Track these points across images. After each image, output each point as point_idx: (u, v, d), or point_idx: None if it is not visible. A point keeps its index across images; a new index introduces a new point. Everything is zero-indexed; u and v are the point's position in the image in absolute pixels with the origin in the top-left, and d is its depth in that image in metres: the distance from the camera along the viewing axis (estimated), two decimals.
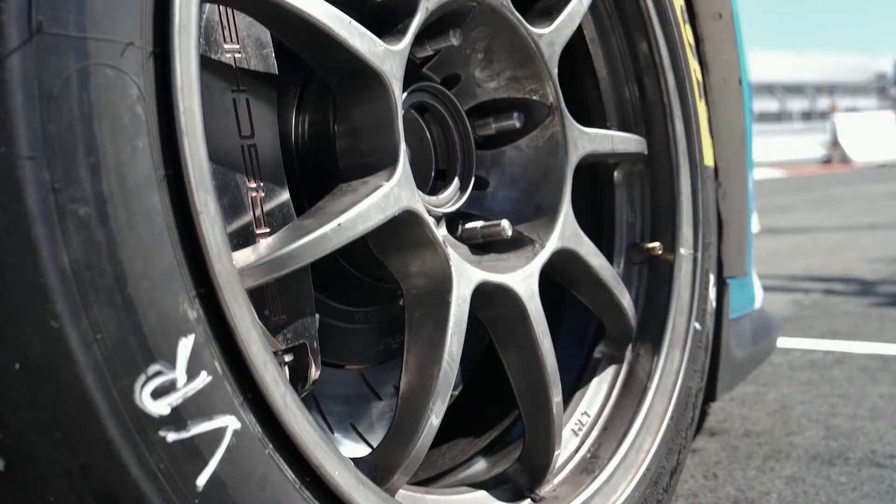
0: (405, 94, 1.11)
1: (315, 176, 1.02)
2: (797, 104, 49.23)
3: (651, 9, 1.34)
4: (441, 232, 1.14)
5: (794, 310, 3.34)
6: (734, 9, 1.53)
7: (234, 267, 0.77)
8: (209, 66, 0.90)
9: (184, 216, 0.74)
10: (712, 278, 1.41)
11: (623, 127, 1.38)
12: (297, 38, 0.91)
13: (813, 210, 8.46)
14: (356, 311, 1.17)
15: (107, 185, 0.70)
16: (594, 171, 1.39)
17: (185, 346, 0.73)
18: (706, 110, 1.45)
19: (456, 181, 1.17)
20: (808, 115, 48.42)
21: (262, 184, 0.93)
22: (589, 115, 1.39)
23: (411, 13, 1.00)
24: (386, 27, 1.00)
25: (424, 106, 1.16)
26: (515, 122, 1.19)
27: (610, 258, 1.36)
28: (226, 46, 0.92)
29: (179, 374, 0.73)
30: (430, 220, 0.98)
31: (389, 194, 0.93)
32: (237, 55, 0.93)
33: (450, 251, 1.00)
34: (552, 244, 1.15)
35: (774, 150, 26.51)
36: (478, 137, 1.21)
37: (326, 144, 1.00)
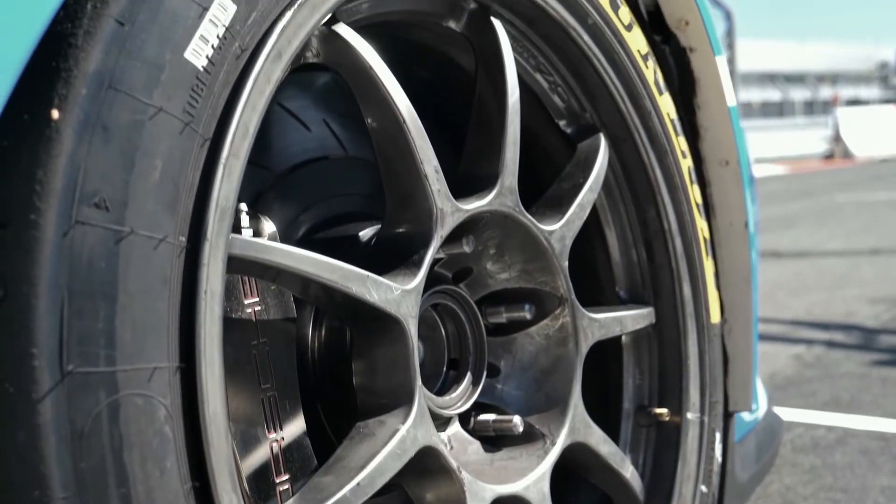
0: None
1: (334, 409, 1.04)
2: (799, 94, 49.09)
3: (659, 176, 1.36)
4: (453, 429, 1.16)
5: (797, 368, 3.37)
6: (741, 156, 1.54)
7: None
8: (230, 325, 0.92)
9: None
10: (718, 436, 1.43)
11: (631, 289, 1.40)
12: (316, 296, 0.93)
13: (815, 225, 8.47)
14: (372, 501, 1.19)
15: None
16: None
17: None
18: (713, 266, 1.47)
19: (468, 377, 1.19)
20: (810, 105, 48.32)
21: (281, 431, 0.96)
22: (597, 277, 1.41)
23: (426, 244, 1.02)
24: (401, 257, 1.02)
25: (437, 303, 1.18)
26: (526, 314, 1.21)
27: (617, 422, 1.38)
28: (246, 302, 0.94)
29: None
30: (446, 451, 1.00)
31: (406, 438, 0.95)
32: (257, 308, 0.95)
33: (464, 475, 1.02)
34: (562, 440, 1.17)
35: (777, 145, 26.49)
36: (489, 325, 1.23)
37: (344, 382, 1.02)
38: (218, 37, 0.81)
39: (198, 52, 0.79)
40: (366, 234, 1.16)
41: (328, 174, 1.20)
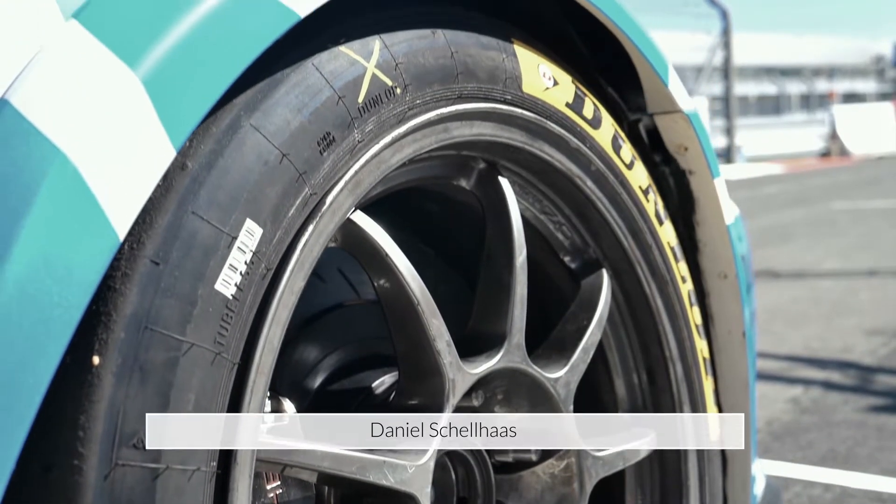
0: None
1: None
2: (795, 87, 49.11)
3: (660, 305, 1.41)
4: None
5: (794, 414, 3.42)
6: (738, 271, 1.59)
7: None
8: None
9: None
10: None
11: (632, 412, 1.45)
12: (334, 483, 0.98)
13: (811, 238, 8.54)
14: None
15: None
16: None
17: None
18: (713, 383, 1.52)
19: None
20: (806, 99, 48.36)
21: None
22: (599, 397, 1.46)
23: (439, 411, 1.07)
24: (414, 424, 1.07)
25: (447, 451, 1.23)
26: (532, 454, 1.26)
27: None
28: (268, 487, 0.99)
29: None
30: None
31: None
32: (278, 491, 1.00)
33: None
34: None
35: (774, 142, 26.57)
36: (496, 463, 1.28)
37: None
38: (245, 262, 0.84)
39: (227, 282, 0.83)
40: (379, 384, 1.20)
41: (343, 322, 1.25)
